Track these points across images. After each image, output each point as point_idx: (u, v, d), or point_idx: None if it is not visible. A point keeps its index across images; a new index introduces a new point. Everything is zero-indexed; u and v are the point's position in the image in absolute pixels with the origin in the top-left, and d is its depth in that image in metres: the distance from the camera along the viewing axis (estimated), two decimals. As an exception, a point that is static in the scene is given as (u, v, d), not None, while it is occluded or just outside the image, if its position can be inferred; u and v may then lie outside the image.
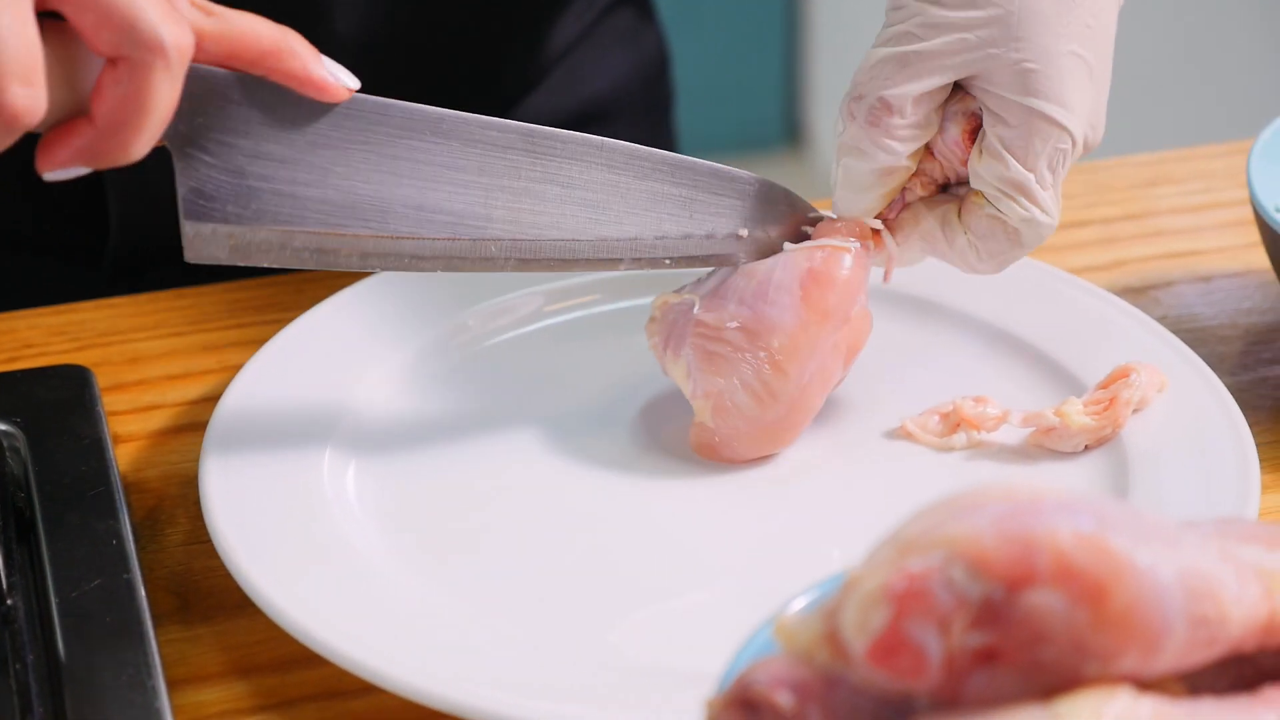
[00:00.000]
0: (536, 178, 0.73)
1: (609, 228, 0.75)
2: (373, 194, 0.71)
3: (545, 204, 0.74)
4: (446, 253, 0.72)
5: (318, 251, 0.70)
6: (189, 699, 0.68)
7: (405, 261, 0.72)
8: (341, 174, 0.70)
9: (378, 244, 0.71)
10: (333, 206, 0.70)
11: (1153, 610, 0.46)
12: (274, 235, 0.69)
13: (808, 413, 0.78)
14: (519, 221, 0.73)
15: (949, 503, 0.48)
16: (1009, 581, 0.46)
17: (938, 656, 0.46)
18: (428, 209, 0.72)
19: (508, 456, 0.79)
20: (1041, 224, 0.75)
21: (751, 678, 0.48)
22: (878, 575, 0.46)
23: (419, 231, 0.72)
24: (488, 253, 0.73)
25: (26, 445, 0.78)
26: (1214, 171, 1.04)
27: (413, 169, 0.71)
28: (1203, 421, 0.78)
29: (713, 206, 0.77)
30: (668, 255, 0.76)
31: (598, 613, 0.71)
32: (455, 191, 0.72)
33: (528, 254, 0.74)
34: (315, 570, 0.71)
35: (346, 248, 0.71)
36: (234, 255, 0.69)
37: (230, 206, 0.68)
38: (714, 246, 0.77)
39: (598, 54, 1.08)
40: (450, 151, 0.72)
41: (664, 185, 0.76)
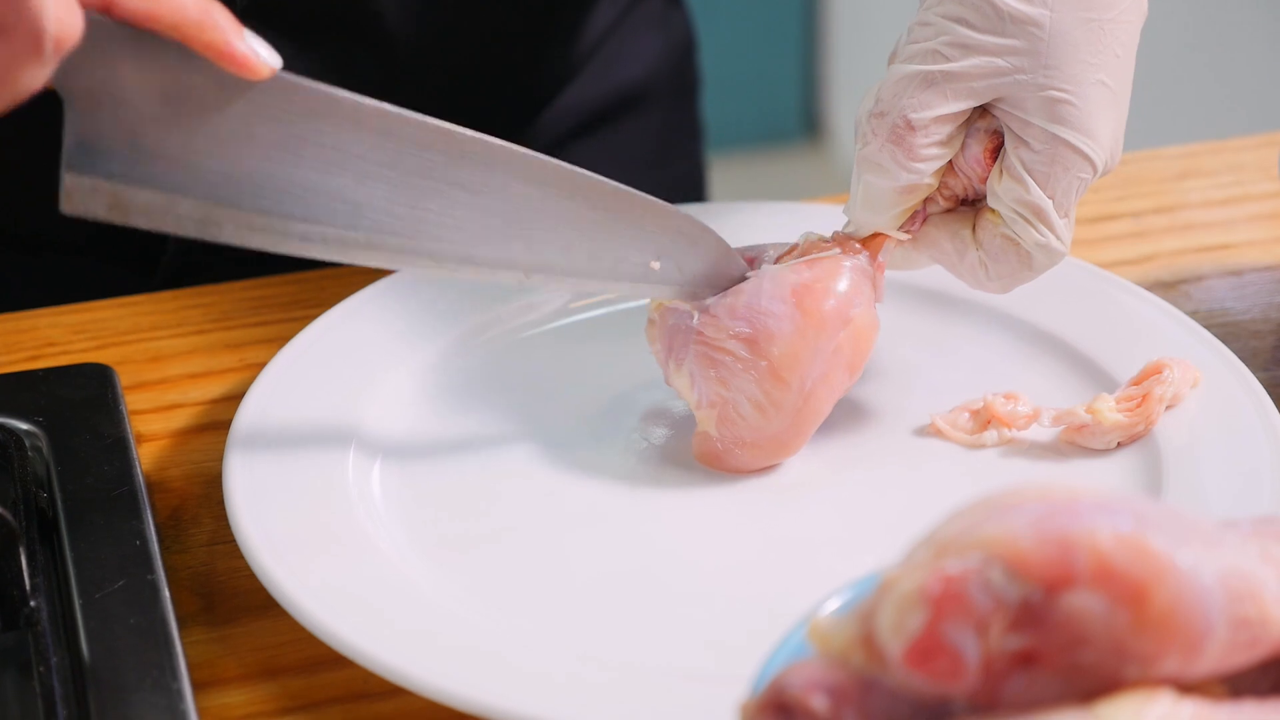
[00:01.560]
0: (448, 180, 0.71)
1: (512, 241, 0.73)
2: (269, 172, 0.68)
3: (452, 208, 0.72)
4: (339, 240, 0.70)
5: (201, 221, 0.68)
6: (214, 701, 0.68)
7: (293, 244, 0.70)
8: (240, 148, 0.68)
9: (266, 222, 0.69)
10: (223, 179, 0.68)
11: (1194, 612, 0.46)
12: (157, 199, 0.67)
13: (813, 421, 0.77)
14: (420, 221, 0.71)
15: (985, 503, 0.47)
16: (1048, 583, 0.45)
17: (975, 659, 0.45)
18: (325, 195, 0.69)
19: (533, 456, 0.79)
20: (1055, 250, 0.74)
21: (786, 681, 0.47)
22: (914, 577, 0.46)
23: (312, 215, 0.69)
24: (382, 246, 0.71)
25: (49, 444, 0.77)
26: (1245, 164, 1.03)
27: (317, 152, 0.69)
28: (1236, 417, 0.78)
29: (627, 235, 0.75)
30: (571, 274, 0.75)
31: (625, 615, 0.70)
32: (357, 182, 0.70)
33: (424, 254, 0.72)
34: (340, 571, 0.70)
35: (233, 222, 0.68)
36: (112, 213, 0.67)
37: (115, 165, 0.66)
38: (622, 274, 0.76)
39: (630, 40, 1.08)
40: (362, 141, 0.69)
41: (581, 207, 0.74)
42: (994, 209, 0.75)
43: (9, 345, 0.88)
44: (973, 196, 0.77)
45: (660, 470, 0.78)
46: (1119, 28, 0.72)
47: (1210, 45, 2.08)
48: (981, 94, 0.72)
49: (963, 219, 0.76)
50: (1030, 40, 0.71)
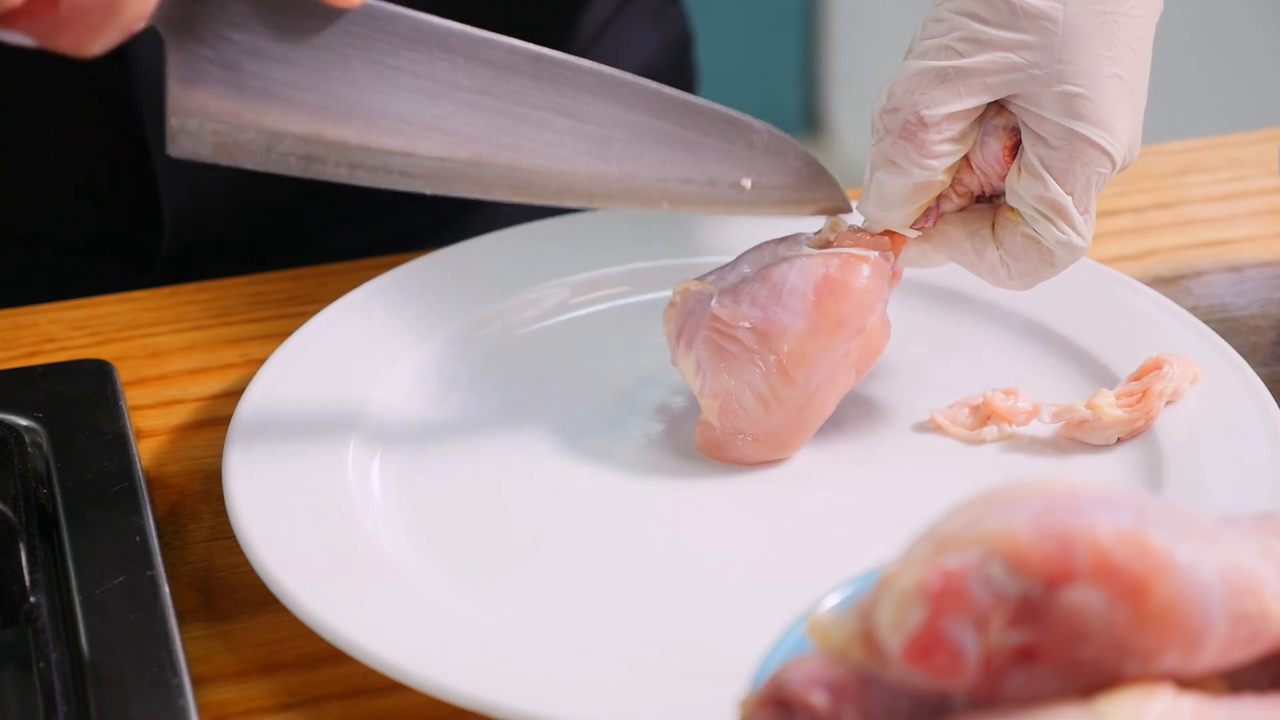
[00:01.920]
0: (540, 104, 0.71)
1: (608, 164, 0.73)
2: (368, 103, 0.68)
3: (545, 132, 0.71)
4: (438, 172, 0.70)
5: (305, 159, 0.68)
6: (213, 697, 0.68)
7: (394, 177, 0.70)
8: (338, 80, 0.68)
9: (367, 155, 0.69)
10: (324, 112, 0.68)
11: (1194, 607, 0.46)
12: (261, 136, 0.67)
13: (815, 421, 0.77)
14: (517, 148, 0.71)
15: (985, 498, 0.47)
16: (1047, 578, 0.45)
17: (975, 655, 0.45)
18: (423, 125, 0.69)
19: (533, 452, 0.79)
20: (1076, 247, 0.74)
21: (785, 677, 0.47)
22: (913, 573, 0.45)
23: (411, 147, 0.69)
24: (481, 176, 0.71)
25: (48, 440, 0.77)
26: (1245, 160, 1.03)
27: (413, 82, 0.69)
28: (1236, 413, 0.78)
29: (719, 153, 0.75)
30: (666, 197, 0.74)
31: (624, 610, 0.70)
32: (454, 110, 0.70)
33: (521, 182, 0.72)
34: (340, 567, 0.70)
35: (335, 156, 0.69)
36: (217, 154, 0.67)
37: (221, 102, 0.66)
38: (715, 194, 0.75)
39: (626, 35, 1.08)
40: (454, 69, 0.69)
41: (671, 125, 0.74)
42: (1013, 207, 0.74)
43: (8, 341, 0.88)
44: (989, 193, 0.76)
45: (661, 466, 0.78)
46: (1133, 21, 0.72)
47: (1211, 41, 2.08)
48: (995, 89, 0.72)
49: (981, 217, 0.76)
50: (1044, 35, 0.71)
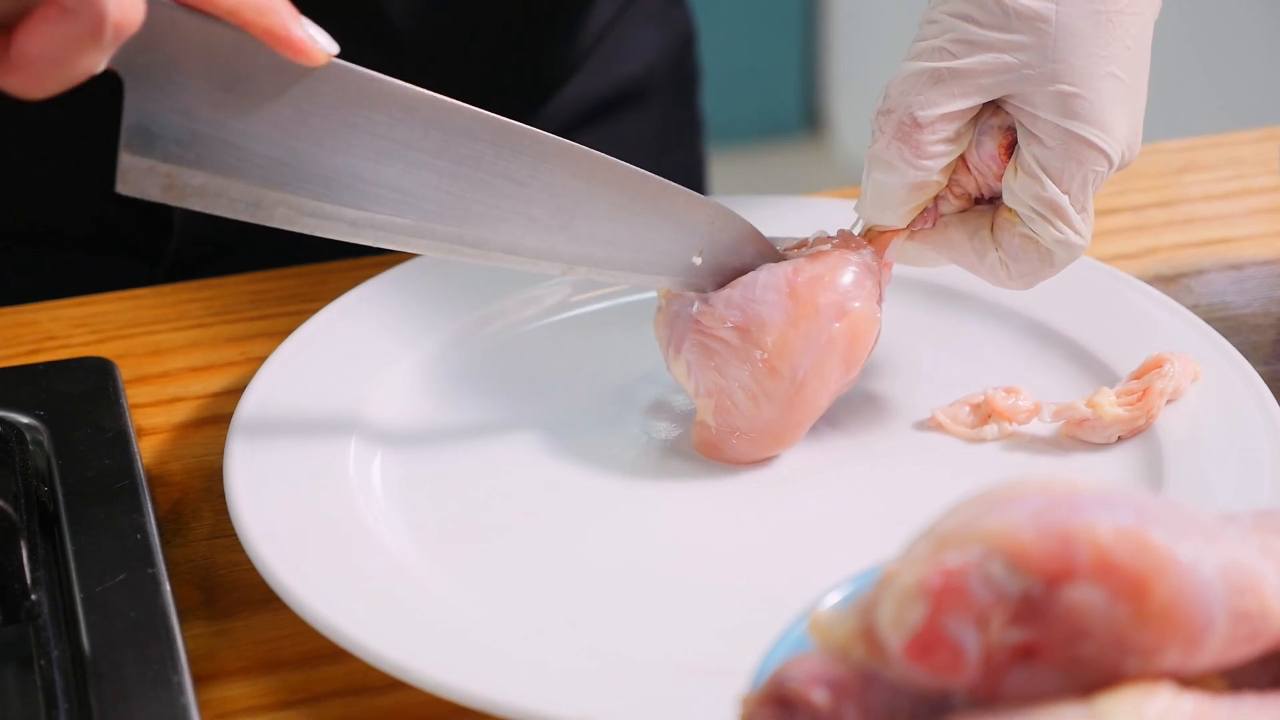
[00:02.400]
0: (495, 171, 0.72)
1: (557, 236, 0.74)
2: (321, 157, 0.69)
3: (499, 199, 0.72)
4: (387, 226, 0.71)
5: (254, 204, 0.68)
6: (214, 694, 0.68)
7: (343, 229, 0.70)
8: (294, 133, 0.68)
9: (317, 206, 0.69)
10: (276, 164, 0.68)
11: (1194, 605, 0.46)
12: (211, 181, 0.67)
13: (808, 414, 0.77)
14: (466, 213, 0.72)
15: (985, 496, 0.47)
16: (1048, 576, 0.45)
17: (976, 653, 0.45)
18: (375, 182, 0.70)
19: (534, 450, 0.79)
20: (1074, 245, 0.74)
21: (786, 674, 0.47)
22: (914, 570, 0.46)
23: (361, 201, 0.70)
24: (429, 234, 0.72)
25: (49, 438, 0.77)
26: (1245, 158, 1.03)
27: (369, 140, 0.69)
28: (1237, 411, 0.78)
29: (670, 230, 0.76)
30: (614, 268, 0.75)
31: (626, 608, 0.70)
32: (407, 170, 0.70)
33: (470, 243, 0.72)
34: (341, 565, 0.70)
35: (284, 205, 0.69)
36: (167, 195, 0.67)
37: (173, 146, 0.66)
38: (664, 268, 0.76)
39: (631, 34, 1.08)
40: (412, 130, 0.70)
41: (626, 201, 0.74)
42: (1010, 207, 0.74)
43: (10, 339, 0.88)
44: (988, 195, 0.76)
45: (662, 463, 0.78)
46: (1129, 19, 0.72)
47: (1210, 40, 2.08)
48: (989, 90, 0.72)
49: (981, 218, 0.76)
50: (1037, 35, 0.71)
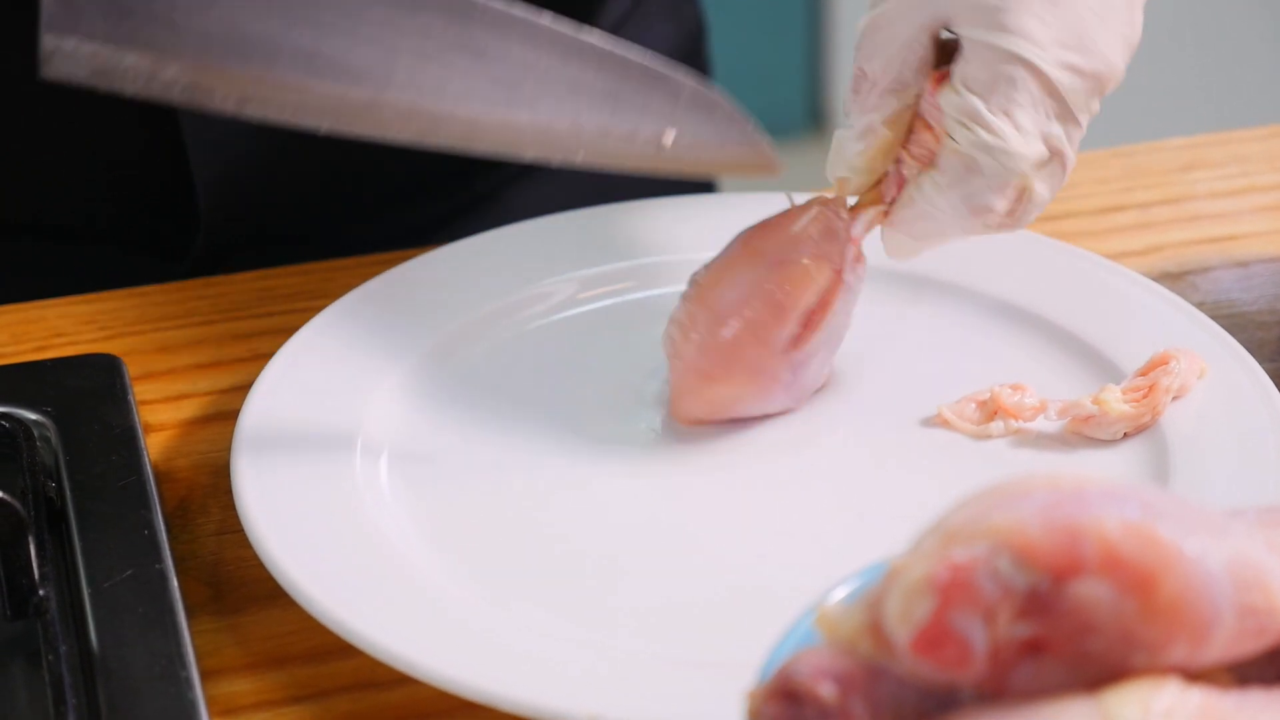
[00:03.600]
0: (448, 44, 0.67)
1: (518, 110, 0.69)
2: (260, 34, 0.65)
3: (452, 73, 0.68)
4: (335, 109, 0.67)
5: (190, 87, 0.65)
6: (222, 690, 0.68)
7: (288, 111, 0.66)
8: (229, 7, 0.64)
9: (258, 88, 0.65)
10: (212, 40, 0.64)
11: (1201, 600, 0.46)
12: (143, 62, 0.64)
13: (732, 356, 0.77)
14: (419, 88, 0.67)
15: (993, 492, 0.47)
16: (1055, 571, 0.45)
17: (983, 648, 0.45)
18: (319, 58, 0.66)
19: (540, 445, 0.79)
20: (994, 148, 0.72)
21: (793, 669, 0.47)
22: (921, 565, 0.46)
23: (305, 81, 0.66)
24: (380, 117, 0.67)
25: (57, 434, 0.77)
26: (1251, 155, 1.03)
27: (311, 14, 0.65)
28: (1243, 408, 0.78)
29: (639, 105, 0.71)
30: (580, 148, 0.70)
31: (633, 604, 0.71)
32: (353, 45, 0.66)
33: (425, 125, 0.68)
34: (348, 560, 0.70)
35: (223, 87, 0.65)
36: (95, 78, 0.63)
37: (99, 23, 0.63)
38: (633, 149, 0.71)
39: (642, 28, 1.08)
40: (357, 1, 0.66)
41: (589, 73, 0.70)
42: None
43: (17, 335, 0.89)
44: None
45: (668, 459, 0.78)
46: None
47: (1216, 37, 2.08)
48: (914, 24, 0.73)
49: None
50: None
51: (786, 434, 0.80)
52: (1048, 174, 0.73)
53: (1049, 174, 0.73)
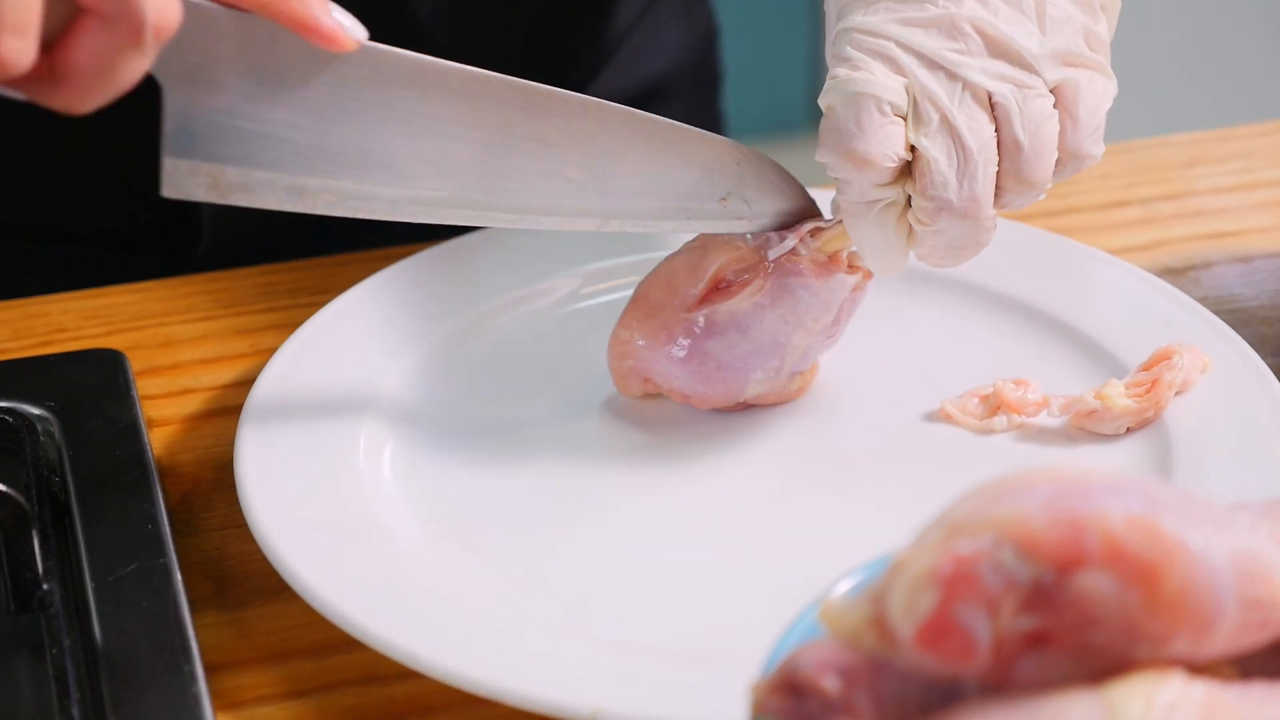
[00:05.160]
0: (527, 135, 0.72)
1: (589, 191, 0.74)
2: (358, 141, 0.69)
3: (532, 162, 0.73)
4: (427, 201, 0.72)
5: (297, 193, 0.69)
6: (226, 684, 0.68)
7: (385, 208, 0.71)
8: (330, 119, 0.69)
9: (358, 189, 0.70)
10: (315, 151, 0.69)
11: (1205, 593, 0.46)
12: (254, 176, 0.68)
13: (642, 301, 0.78)
14: (503, 178, 0.72)
15: (996, 485, 0.47)
16: (1059, 564, 0.45)
17: (987, 640, 0.45)
18: (412, 159, 0.71)
19: (544, 440, 0.79)
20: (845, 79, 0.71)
21: (797, 662, 0.47)
22: (925, 558, 0.46)
23: (400, 180, 0.71)
24: (467, 204, 0.72)
25: (60, 429, 0.77)
26: (1253, 151, 1.03)
27: (404, 119, 0.70)
28: (1245, 403, 0.78)
29: (697, 177, 0.75)
30: (646, 217, 0.75)
31: (637, 598, 0.71)
32: (442, 144, 0.71)
33: (507, 208, 0.73)
34: (352, 554, 0.70)
35: (326, 191, 0.70)
36: (211, 193, 0.68)
37: (215, 144, 0.67)
38: (694, 213, 0.76)
39: (655, 31, 1.08)
40: (444, 104, 0.70)
41: (653, 152, 0.74)
42: None
43: (21, 331, 0.89)
44: None
45: (674, 453, 0.78)
46: None
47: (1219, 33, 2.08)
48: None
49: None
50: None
51: (789, 428, 0.80)
52: (936, 134, 0.70)
53: (936, 135, 0.70)
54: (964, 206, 0.70)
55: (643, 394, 0.80)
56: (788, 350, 0.77)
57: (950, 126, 0.70)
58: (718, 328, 0.77)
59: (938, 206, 0.70)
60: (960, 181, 0.70)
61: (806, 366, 0.80)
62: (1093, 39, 0.72)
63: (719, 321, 0.77)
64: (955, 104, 0.70)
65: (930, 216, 0.71)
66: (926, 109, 0.70)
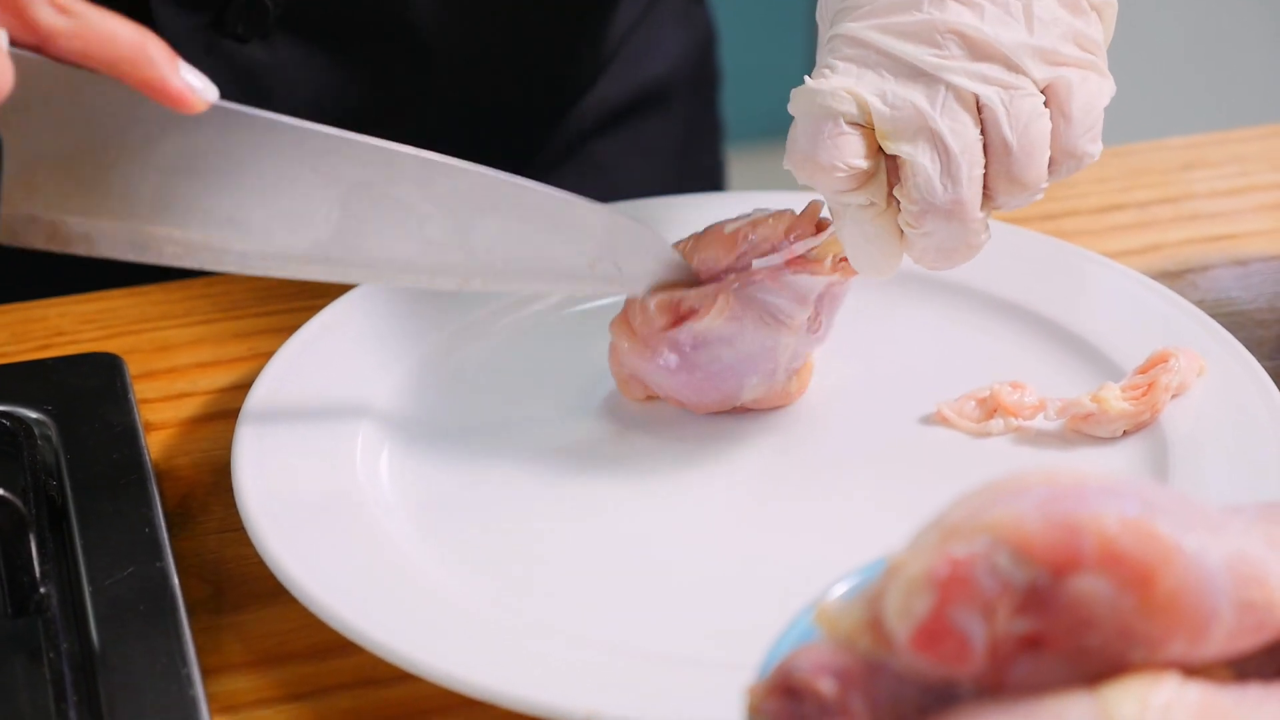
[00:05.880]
0: (386, 196, 0.72)
1: (450, 251, 0.74)
2: (209, 198, 0.69)
3: (391, 222, 0.72)
4: (279, 256, 0.72)
5: (141, 246, 0.70)
6: (222, 687, 0.68)
7: (231, 261, 0.71)
8: (179, 174, 0.69)
9: (205, 242, 0.70)
10: (161, 205, 0.69)
11: (1200, 595, 0.46)
12: (95, 227, 0.68)
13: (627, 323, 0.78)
14: (360, 236, 0.72)
15: (992, 487, 0.47)
16: (1054, 567, 0.45)
17: (982, 643, 0.45)
18: (264, 215, 0.71)
19: (541, 443, 0.79)
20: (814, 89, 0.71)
21: (793, 664, 0.47)
22: (921, 561, 0.46)
23: (251, 236, 0.71)
24: (321, 259, 0.73)
25: (58, 433, 0.78)
26: (1250, 155, 1.03)
27: (256, 178, 0.70)
28: (1242, 406, 0.78)
29: (563, 240, 0.75)
30: (511, 279, 0.76)
31: (633, 601, 0.71)
32: (296, 202, 0.71)
33: (362, 265, 0.73)
34: (348, 558, 0.71)
35: (172, 243, 0.70)
36: (50, 243, 0.68)
37: (55, 196, 0.67)
38: (561, 275, 0.76)
39: (654, 35, 1.08)
40: (300, 164, 0.70)
41: (519, 216, 0.74)
42: None
43: (19, 335, 0.89)
44: None
45: (669, 457, 0.78)
46: None
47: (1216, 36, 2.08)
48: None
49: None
50: None
51: (786, 431, 0.80)
52: (916, 138, 0.69)
53: (916, 139, 0.69)
54: (949, 209, 0.70)
55: (645, 397, 0.80)
56: (778, 351, 0.77)
57: (930, 130, 0.70)
58: (701, 342, 0.77)
59: (922, 210, 0.70)
60: (944, 185, 0.70)
61: (800, 364, 0.80)
62: (1083, 39, 0.71)
63: (699, 338, 0.77)
64: (937, 108, 0.69)
65: (916, 220, 0.71)
66: (905, 114, 0.70)
